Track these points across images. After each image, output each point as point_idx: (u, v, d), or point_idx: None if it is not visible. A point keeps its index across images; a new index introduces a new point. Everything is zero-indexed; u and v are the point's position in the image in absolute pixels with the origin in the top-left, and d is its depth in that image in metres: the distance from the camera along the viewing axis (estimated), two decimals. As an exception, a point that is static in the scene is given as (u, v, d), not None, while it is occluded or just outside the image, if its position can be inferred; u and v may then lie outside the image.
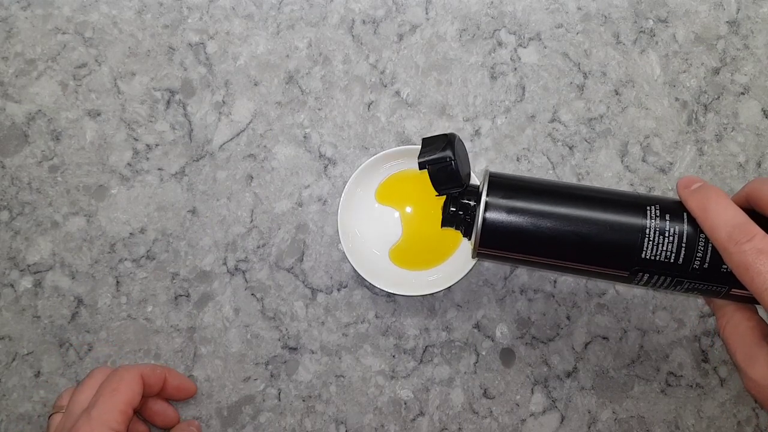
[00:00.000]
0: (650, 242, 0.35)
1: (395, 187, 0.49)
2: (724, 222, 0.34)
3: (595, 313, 0.51)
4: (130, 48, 0.53)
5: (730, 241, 0.33)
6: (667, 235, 0.35)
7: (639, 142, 0.53)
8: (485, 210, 0.36)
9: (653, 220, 0.35)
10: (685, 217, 0.36)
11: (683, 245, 0.35)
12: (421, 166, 0.37)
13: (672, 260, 0.35)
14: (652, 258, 0.35)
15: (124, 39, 0.53)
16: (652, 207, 0.36)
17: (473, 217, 0.38)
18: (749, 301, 0.37)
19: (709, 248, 0.35)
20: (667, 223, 0.35)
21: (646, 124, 0.53)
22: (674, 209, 0.36)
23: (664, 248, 0.35)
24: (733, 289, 0.36)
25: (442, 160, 0.37)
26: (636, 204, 0.36)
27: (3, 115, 0.52)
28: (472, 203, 0.38)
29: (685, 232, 0.35)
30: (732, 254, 0.33)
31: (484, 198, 0.36)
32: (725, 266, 0.35)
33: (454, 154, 0.37)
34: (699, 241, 0.35)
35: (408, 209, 0.49)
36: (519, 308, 0.51)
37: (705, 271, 0.35)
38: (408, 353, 0.50)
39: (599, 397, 0.50)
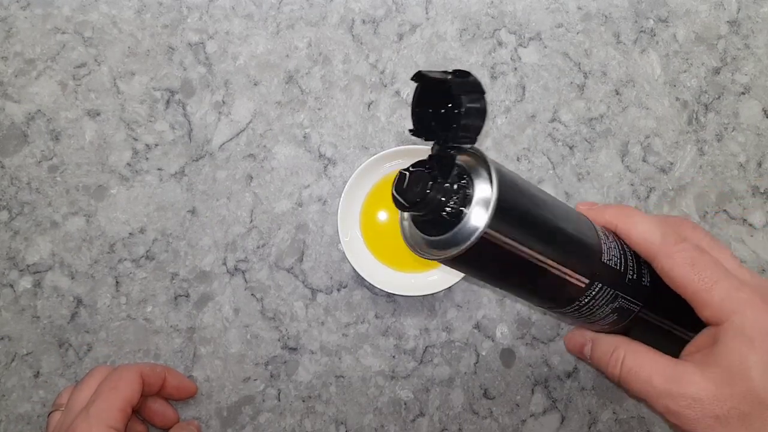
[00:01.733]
0: (606, 246, 0.35)
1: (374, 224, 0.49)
2: (651, 228, 0.34)
3: (596, 313, 0.51)
4: (130, 48, 0.53)
5: (667, 243, 0.33)
6: (609, 241, 0.35)
7: (639, 142, 0.52)
8: (492, 219, 0.30)
9: (599, 230, 0.36)
10: (609, 232, 0.36)
11: (621, 254, 0.35)
12: (456, 94, 0.31)
13: (618, 267, 0.35)
14: (607, 262, 0.35)
15: (124, 39, 0.53)
16: (590, 222, 0.37)
17: (461, 204, 0.32)
18: (638, 326, 0.37)
19: (635, 260, 0.36)
20: (602, 233, 0.36)
21: (646, 124, 0.53)
22: (599, 227, 0.36)
23: (614, 254, 0.35)
24: (642, 311, 0.36)
25: (478, 89, 0.31)
26: (586, 219, 0.36)
27: (2, 114, 0.52)
28: (462, 187, 0.33)
29: (617, 243, 0.36)
30: (674, 254, 0.32)
31: (492, 207, 0.31)
32: (645, 279, 0.35)
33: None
34: (627, 253, 0.36)
35: (384, 216, 0.49)
36: (519, 308, 0.51)
37: (633, 284, 0.35)
38: (408, 353, 0.50)
39: (599, 398, 0.50)
